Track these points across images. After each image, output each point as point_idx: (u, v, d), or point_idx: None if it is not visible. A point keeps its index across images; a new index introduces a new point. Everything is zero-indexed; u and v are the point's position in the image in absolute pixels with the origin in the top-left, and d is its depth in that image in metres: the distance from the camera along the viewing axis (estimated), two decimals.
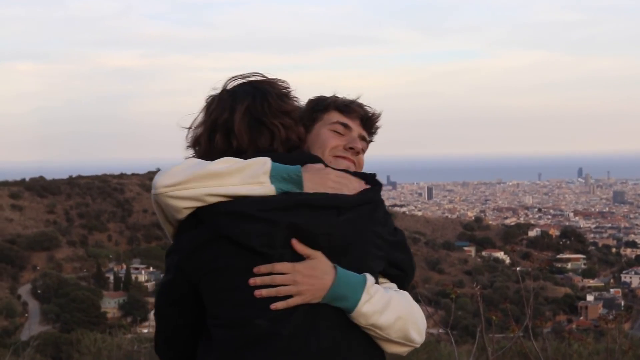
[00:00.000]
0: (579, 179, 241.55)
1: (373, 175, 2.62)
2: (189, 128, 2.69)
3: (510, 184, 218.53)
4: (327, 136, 2.75)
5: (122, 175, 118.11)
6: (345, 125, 2.79)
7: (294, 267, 2.41)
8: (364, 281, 2.45)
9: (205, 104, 2.68)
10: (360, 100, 2.85)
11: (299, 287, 2.40)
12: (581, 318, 67.33)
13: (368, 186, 2.55)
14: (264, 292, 2.39)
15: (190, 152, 2.67)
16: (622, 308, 60.19)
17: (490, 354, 6.71)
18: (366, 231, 2.50)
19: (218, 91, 2.69)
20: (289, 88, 2.69)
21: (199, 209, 2.42)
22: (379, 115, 2.87)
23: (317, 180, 2.47)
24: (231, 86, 2.68)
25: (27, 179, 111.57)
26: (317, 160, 2.59)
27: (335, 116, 2.80)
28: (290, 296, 2.40)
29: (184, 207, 2.42)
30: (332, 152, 2.74)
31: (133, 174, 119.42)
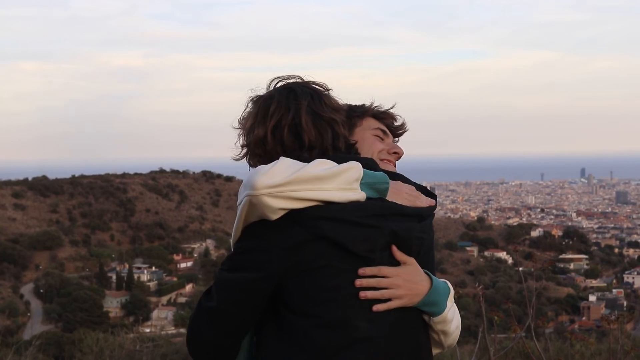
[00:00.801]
0: (582, 179, 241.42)
1: (426, 189, 2.82)
2: (242, 129, 2.73)
3: (513, 184, 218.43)
4: (372, 140, 2.98)
5: (124, 175, 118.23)
6: (384, 132, 3.03)
7: (397, 271, 2.55)
8: (449, 289, 2.73)
9: (253, 104, 2.72)
10: (392, 110, 3.10)
11: (399, 291, 2.55)
12: (583, 318, 67.30)
13: (433, 201, 2.74)
14: (368, 294, 2.50)
15: (244, 151, 2.72)
16: (625, 308, 60.17)
17: (492, 354, 6.71)
18: (433, 238, 2.77)
19: (265, 91, 2.74)
20: (330, 89, 2.78)
21: (293, 210, 2.44)
22: (406, 124, 3.13)
23: (394, 190, 2.62)
24: (280, 86, 2.74)
25: (29, 179, 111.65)
26: (379, 168, 2.69)
27: (373, 122, 3.03)
28: (389, 299, 2.53)
29: (281, 207, 2.43)
30: (379, 156, 2.96)
31: (136, 174, 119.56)
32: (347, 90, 2.89)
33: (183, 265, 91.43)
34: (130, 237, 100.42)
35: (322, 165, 2.47)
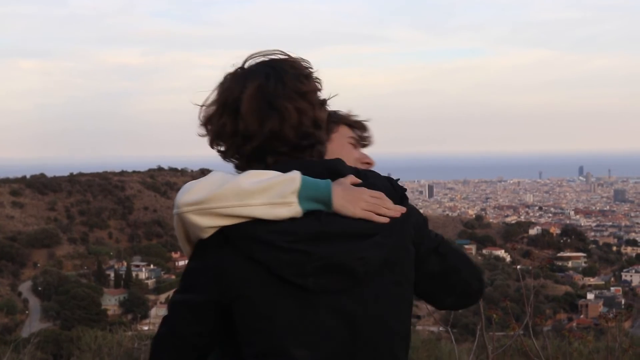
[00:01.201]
0: (580, 177, 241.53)
1: (399, 189, 2.52)
2: (202, 106, 2.48)
3: (511, 182, 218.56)
4: (350, 148, 2.92)
5: (123, 173, 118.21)
6: (357, 141, 2.96)
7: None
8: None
9: (220, 81, 2.50)
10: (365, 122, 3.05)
11: None
12: (581, 316, 67.37)
13: (403, 209, 2.42)
14: None
15: (203, 131, 2.50)
16: (623, 306, 60.17)
17: (490, 352, 6.72)
18: (398, 249, 2.41)
19: (234, 68, 2.50)
20: (310, 68, 2.49)
21: (226, 227, 2.28)
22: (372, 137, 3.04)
23: (348, 198, 2.33)
24: (248, 64, 2.49)
25: (28, 176, 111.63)
26: (347, 168, 2.44)
27: (347, 131, 2.96)
28: None
29: (208, 226, 2.29)
30: (354, 164, 2.73)
31: (134, 172, 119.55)
32: (346, 89, 2.83)
33: (181, 263, 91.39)
34: (128, 235, 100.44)
35: (254, 177, 2.27)
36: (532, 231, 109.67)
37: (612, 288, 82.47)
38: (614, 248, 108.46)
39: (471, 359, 7.47)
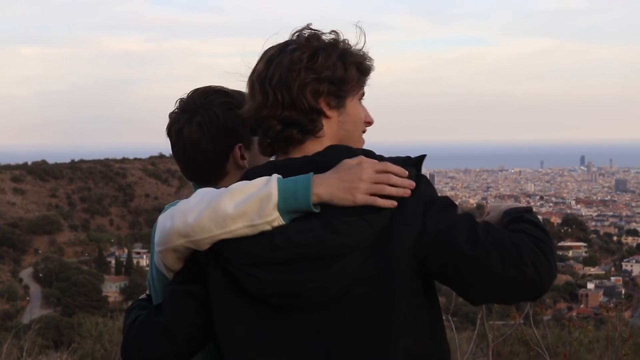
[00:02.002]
0: (581, 167, 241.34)
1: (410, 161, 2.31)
2: None
3: (513, 171, 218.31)
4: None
5: (124, 160, 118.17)
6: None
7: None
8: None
9: None
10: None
11: None
12: (581, 306, 67.39)
13: (412, 184, 2.20)
14: None
15: None
16: (623, 296, 60.13)
17: (490, 340, 6.72)
18: (377, 266, 2.18)
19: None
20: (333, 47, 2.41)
21: None
22: None
23: (345, 185, 2.17)
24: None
25: (29, 163, 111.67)
26: (348, 152, 2.29)
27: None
28: None
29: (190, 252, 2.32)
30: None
31: (135, 159, 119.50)
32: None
33: None
34: (129, 222, 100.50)
35: (237, 196, 2.20)
36: None
37: (612, 278, 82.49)
38: (615, 238, 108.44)
39: (471, 347, 7.47)
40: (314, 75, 2.30)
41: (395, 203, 2.17)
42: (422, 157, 2.32)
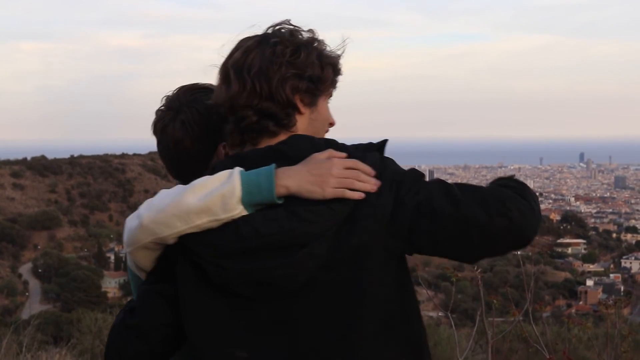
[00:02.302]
0: (581, 164, 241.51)
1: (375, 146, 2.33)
2: None
3: (512, 167, 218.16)
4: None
5: (123, 155, 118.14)
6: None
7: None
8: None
9: None
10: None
11: None
12: (581, 303, 67.46)
13: (379, 183, 2.22)
14: None
15: None
16: (622, 293, 60.23)
17: (489, 337, 6.72)
18: (345, 250, 2.20)
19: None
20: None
21: None
22: None
23: (315, 179, 2.20)
24: None
25: (28, 158, 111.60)
26: (305, 149, 2.30)
27: None
28: None
29: (158, 247, 2.34)
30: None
31: (135, 154, 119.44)
32: (346, 72, 2.73)
33: None
34: None
35: (199, 191, 2.22)
36: None
37: (611, 275, 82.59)
38: (614, 235, 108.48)
39: (470, 344, 7.48)
40: (295, 70, 2.31)
41: (362, 195, 2.18)
42: (384, 142, 2.34)
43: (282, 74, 2.30)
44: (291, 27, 2.40)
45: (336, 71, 2.44)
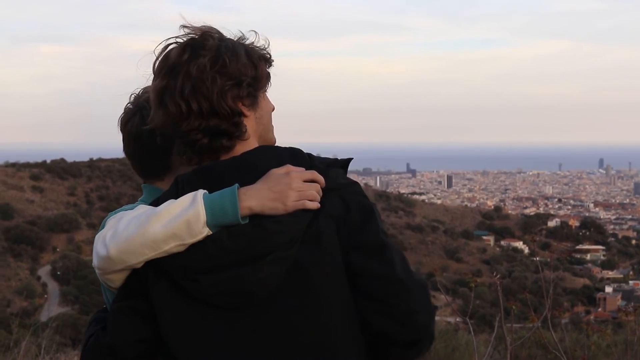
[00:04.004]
0: (600, 170, 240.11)
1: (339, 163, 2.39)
2: None
3: (531, 173, 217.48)
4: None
5: None
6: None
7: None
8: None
9: None
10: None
11: None
12: (599, 309, 67.05)
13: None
14: None
15: None
16: None
17: (508, 343, 6.70)
18: (307, 254, 2.27)
19: None
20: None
21: None
22: None
23: (276, 195, 2.23)
24: None
25: (48, 161, 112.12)
26: (268, 158, 2.34)
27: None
28: None
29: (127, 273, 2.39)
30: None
31: None
32: (364, 77, 2.69)
33: None
34: None
35: (164, 218, 2.24)
36: (551, 223, 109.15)
37: (630, 282, 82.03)
38: (633, 242, 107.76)
39: (489, 350, 7.45)
40: (232, 81, 2.30)
41: (318, 205, 2.25)
42: (348, 160, 2.38)
43: (219, 87, 2.28)
44: (203, 32, 2.36)
45: (269, 62, 2.43)
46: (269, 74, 2.43)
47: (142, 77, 2.45)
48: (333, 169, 2.34)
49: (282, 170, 2.26)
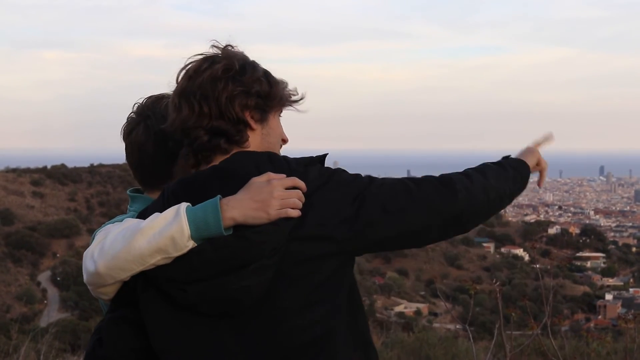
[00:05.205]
0: (601, 177, 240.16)
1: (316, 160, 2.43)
2: None
3: (531, 180, 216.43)
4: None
5: None
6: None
7: None
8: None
9: None
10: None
11: None
12: (599, 317, 67.01)
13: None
14: None
15: None
16: None
17: (508, 351, 6.69)
18: (291, 261, 2.28)
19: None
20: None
21: None
22: None
23: (258, 205, 2.25)
24: None
25: (48, 167, 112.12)
26: (246, 165, 2.36)
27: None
28: None
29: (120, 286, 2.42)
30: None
31: None
32: (367, 84, 2.72)
33: None
34: None
35: (149, 232, 2.28)
36: (551, 230, 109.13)
37: (630, 289, 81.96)
38: (634, 249, 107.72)
39: (488, 357, 7.45)
40: (242, 88, 2.36)
41: (299, 213, 2.26)
42: (324, 156, 2.43)
43: (229, 91, 2.35)
44: (231, 47, 2.45)
45: (288, 93, 2.49)
46: (285, 101, 2.48)
47: (167, 85, 2.53)
48: (311, 168, 2.37)
49: (263, 178, 2.29)
